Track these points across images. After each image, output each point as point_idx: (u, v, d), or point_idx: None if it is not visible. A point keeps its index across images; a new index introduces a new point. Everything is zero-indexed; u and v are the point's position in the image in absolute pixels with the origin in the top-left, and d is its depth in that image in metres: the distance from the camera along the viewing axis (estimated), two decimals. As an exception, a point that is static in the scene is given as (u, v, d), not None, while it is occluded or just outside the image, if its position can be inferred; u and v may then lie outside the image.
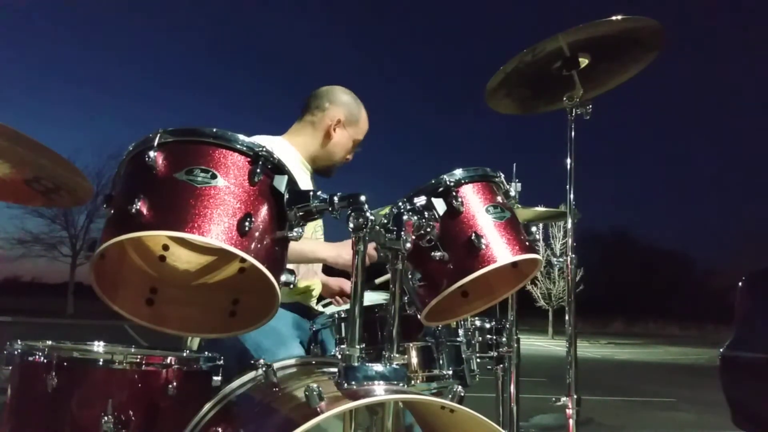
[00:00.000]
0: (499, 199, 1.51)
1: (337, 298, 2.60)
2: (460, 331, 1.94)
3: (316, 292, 2.52)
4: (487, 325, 2.14)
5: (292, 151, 2.39)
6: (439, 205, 1.41)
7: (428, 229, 1.37)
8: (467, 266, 1.40)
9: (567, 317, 2.34)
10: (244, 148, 1.24)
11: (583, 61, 2.24)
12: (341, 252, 2.16)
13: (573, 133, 2.34)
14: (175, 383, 1.48)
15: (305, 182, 2.38)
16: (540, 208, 2.55)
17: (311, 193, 1.28)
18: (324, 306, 2.58)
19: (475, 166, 1.52)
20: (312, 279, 2.49)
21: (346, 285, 2.54)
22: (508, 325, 2.22)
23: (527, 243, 1.48)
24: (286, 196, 1.26)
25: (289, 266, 1.28)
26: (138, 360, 1.48)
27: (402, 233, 1.30)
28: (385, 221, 1.34)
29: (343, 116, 2.39)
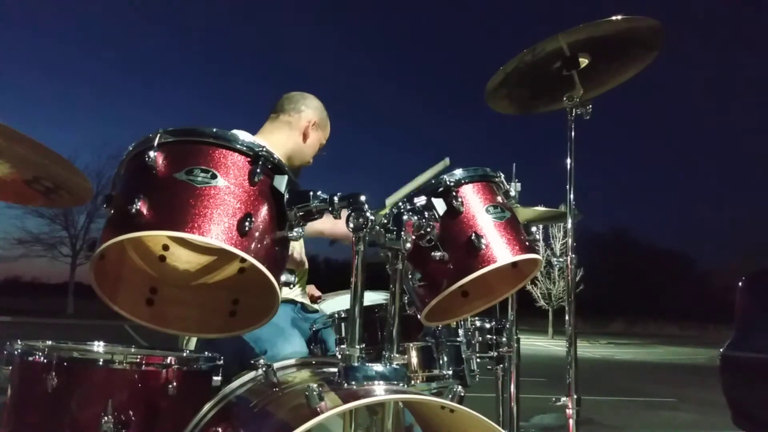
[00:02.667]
0: (499, 199, 1.51)
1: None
2: (460, 331, 1.94)
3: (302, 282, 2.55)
4: (487, 325, 2.14)
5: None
6: (439, 205, 1.41)
7: (428, 229, 1.38)
8: (467, 266, 1.40)
9: (567, 317, 2.33)
10: (244, 148, 1.24)
11: (583, 61, 2.23)
12: (337, 222, 2.22)
13: (573, 133, 2.34)
14: (175, 383, 1.48)
15: None
16: (540, 208, 2.55)
17: (311, 193, 1.28)
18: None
19: (475, 166, 1.52)
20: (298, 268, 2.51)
21: (313, 290, 2.66)
22: (508, 325, 2.22)
23: (527, 243, 1.48)
24: (286, 196, 1.26)
25: (289, 266, 1.28)
26: (138, 360, 1.48)
27: (402, 233, 1.30)
28: (385, 221, 1.34)
29: (317, 119, 2.52)
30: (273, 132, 2.48)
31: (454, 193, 1.44)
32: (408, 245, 1.31)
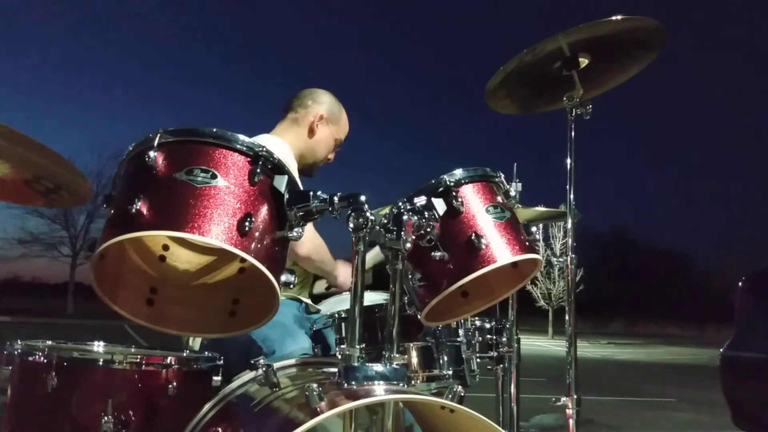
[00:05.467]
0: (499, 199, 1.51)
1: None
2: (460, 331, 1.93)
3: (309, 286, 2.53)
4: (487, 325, 2.14)
5: (286, 148, 2.42)
6: (439, 205, 1.41)
7: (428, 229, 1.37)
8: (467, 266, 1.40)
9: (567, 317, 2.33)
10: (244, 148, 1.24)
11: (583, 61, 2.24)
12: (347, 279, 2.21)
13: (573, 133, 2.34)
14: (175, 383, 1.48)
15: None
16: (540, 208, 2.55)
17: (311, 193, 1.28)
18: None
19: (475, 166, 1.52)
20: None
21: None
22: (508, 325, 2.22)
23: (527, 243, 1.48)
24: (286, 196, 1.26)
25: (289, 266, 1.29)
26: (138, 360, 1.48)
27: (402, 233, 1.30)
28: (385, 221, 1.34)
29: (325, 113, 2.44)
30: (282, 132, 2.45)
31: (454, 193, 1.44)
32: (408, 245, 1.30)
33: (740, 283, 3.52)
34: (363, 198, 1.27)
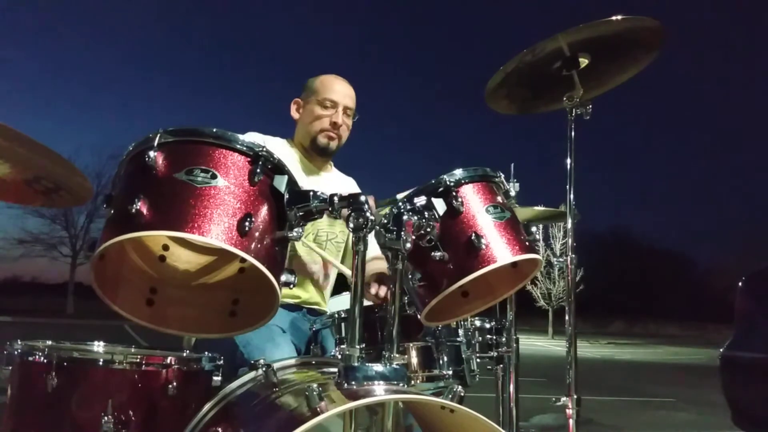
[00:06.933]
0: (499, 199, 1.51)
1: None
2: (460, 331, 1.93)
3: (324, 294, 2.50)
4: (487, 325, 2.14)
5: (286, 146, 2.48)
6: (439, 205, 1.41)
7: (428, 229, 1.38)
8: (467, 266, 1.39)
9: (567, 317, 2.33)
10: (244, 148, 1.24)
11: (583, 61, 2.24)
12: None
13: (573, 133, 2.34)
14: (175, 383, 1.48)
15: (296, 169, 2.42)
16: (540, 208, 2.55)
17: (311, 193, 1.28)
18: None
19: (475, 166, 1.52)
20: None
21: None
22: (507, 325, 2.22)
23: (527, 243, 1.48)
24: (286, 196, 1.26)
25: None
26: (138, 360, 1.48)
27: (402, 233, 1.30)
28: (385, 221, 1.34)
29: (300, 98, 2.49)
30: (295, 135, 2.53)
31: (454, 193, 1.44)
32: (408, 245, 1.31)
33: (740, 284, 3.51)
34: (363, 198, 1.27)
